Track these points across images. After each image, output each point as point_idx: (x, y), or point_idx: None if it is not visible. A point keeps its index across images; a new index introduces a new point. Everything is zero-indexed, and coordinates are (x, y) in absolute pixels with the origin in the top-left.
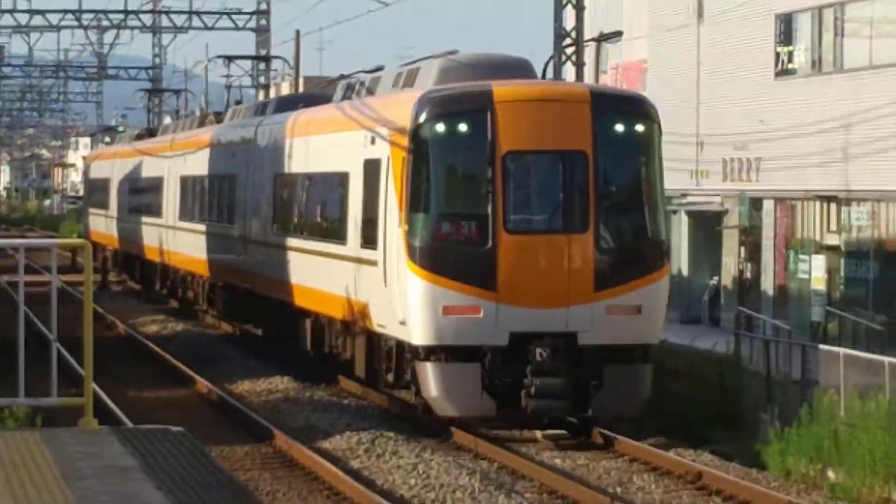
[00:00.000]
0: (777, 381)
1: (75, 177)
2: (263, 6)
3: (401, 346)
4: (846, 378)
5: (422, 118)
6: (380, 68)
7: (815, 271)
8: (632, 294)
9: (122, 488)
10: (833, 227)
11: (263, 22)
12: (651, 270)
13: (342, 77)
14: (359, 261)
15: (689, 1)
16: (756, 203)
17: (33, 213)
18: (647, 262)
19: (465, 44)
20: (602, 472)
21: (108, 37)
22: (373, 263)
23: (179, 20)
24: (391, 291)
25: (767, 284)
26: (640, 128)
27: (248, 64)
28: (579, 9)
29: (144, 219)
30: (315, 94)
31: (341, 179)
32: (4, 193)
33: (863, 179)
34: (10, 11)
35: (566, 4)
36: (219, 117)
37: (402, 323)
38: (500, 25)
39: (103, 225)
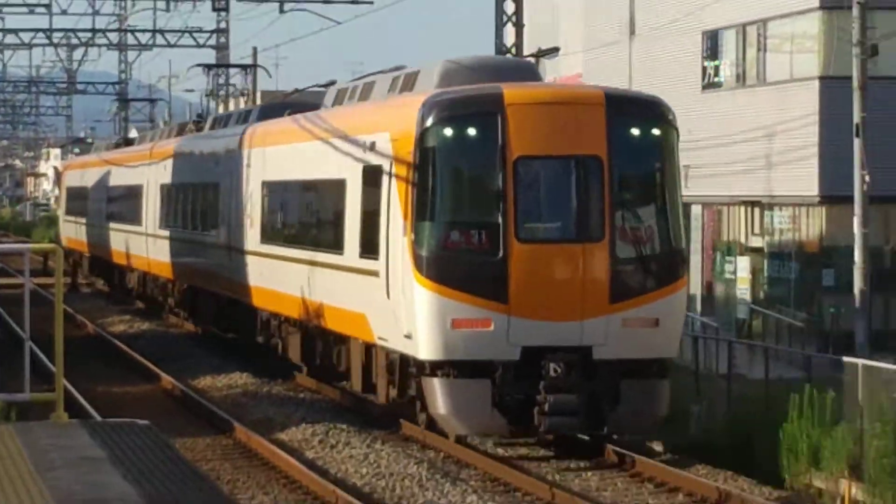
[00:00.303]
0: (705, 376)
1: (47, 185)
2: (223, 25)
3: (405, 360)
4: (770, 371)
5: (428, 122)
6: (333, 82)
7: (741, 272)
8: (649, 306)
9: (92, 478)
10: (757, 230)
11: (223, 39)
12: (669, 281)
13: (296, 91)
14: (357, 271)
15: (622, 18)
16: (685, 208)
17: (7, 220)
18: (665, 273)
19: (411, 59)
20: (541, 461)
21: (77, 54)
22: (374, 274)
23: (144, 38)
24: (395, 303)
25: (696, 284)
26: (656, 131)
27: (212, 81)
28: (519, 26)
29: (121, 226)
30: (302, 102)
31: (337, 187)
32: None
33: (784, 186)
34: None
35: (506, 22)
36: (198, 126)
37: (408, 336)
38: (444, 41)
39: (78, 231)
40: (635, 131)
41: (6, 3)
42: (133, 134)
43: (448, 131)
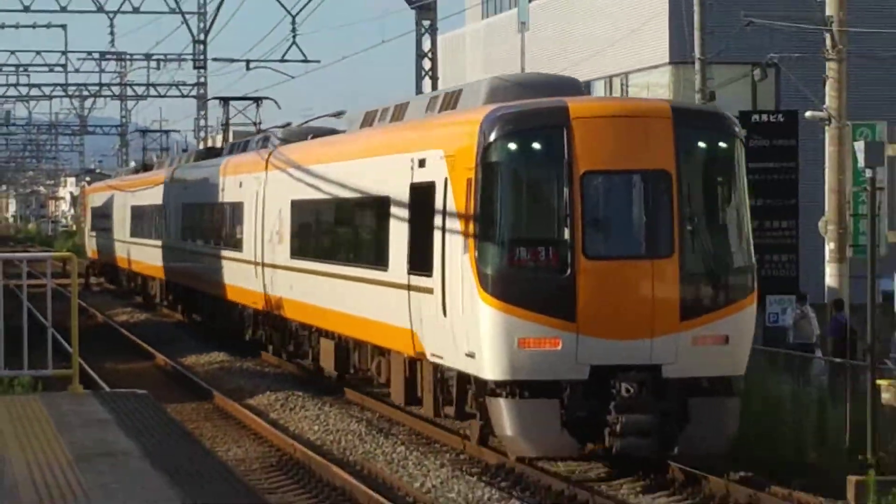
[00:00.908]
0: None
1: (64, 207)
2: (202, 80)
3: (463, 378)
4: None
5: (492, 136)
6: (288, 124)
7: None
8: (719, 323)
9: (101, 436)
10: None
11: (202, 91)
12: (739, 297)
13: (260, 131)
14: (405, 287)
15: (515, 72)
16: None
17: (34, 234)
18: (735, 288)
19: (350, 104)
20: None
21: (88, 103)
22: (426, 291)
23: (140, 90)
24: (453, 321)
25: None
26: (723, 144)
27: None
28: (434, 79)
29: (145, 241)
30: (323, 127)
31: (379, 205)
32: (12, 219)
33: None
34: (14, 85)
35: (424, 76)
36: (213, 151)
37: (470, 355)
38: (376, 91)
39: (105, 245)
40: (703, 144)
41: (31, 63)
42: (132, 164)
43: (512, 146)
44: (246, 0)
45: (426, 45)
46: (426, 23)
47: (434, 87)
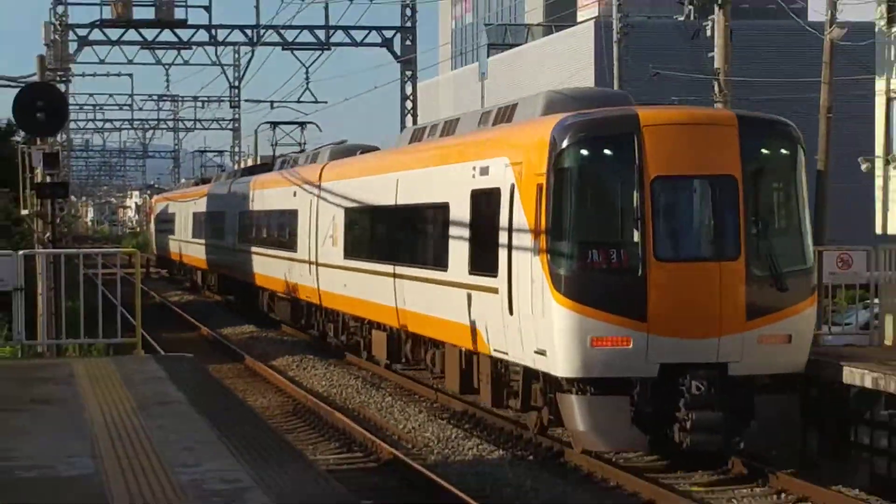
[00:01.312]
0: None
1: (130, 213)
2: (237, 116)
3: (530, 373)
4: None
5: (564, 143)
6: (304, 150)
7: None
8: (783, 322)
9: (158, 389)
10: None
11: (236, 125)
12: (801, 298)
13: (281, 156)
14: (466, 286)
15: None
16: None
17: (106, 234)
18: (797, 289)
19: (350, 135)
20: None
21: (148, 134)
22: (490, 290)
23: (189, 124)
24: (520, 319)
25: None
26: (785, 151)
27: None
28: (415, 116)
29: (209, 242)
30: (366, 145)
31: (439, 209)
32: (90, 223)
33: None
34: (92, 120)
35: (407, 114)
36: (264, 167)
37: (540, 353)
38: (368, 127)
39: (170, 244)
40: (766, 151)
41: (105, 104)
42: (182, 181)
43: (585, 152)
44: (270, 55)
45: (408, 90)
46: (408, 73)
47: (415, 122)
